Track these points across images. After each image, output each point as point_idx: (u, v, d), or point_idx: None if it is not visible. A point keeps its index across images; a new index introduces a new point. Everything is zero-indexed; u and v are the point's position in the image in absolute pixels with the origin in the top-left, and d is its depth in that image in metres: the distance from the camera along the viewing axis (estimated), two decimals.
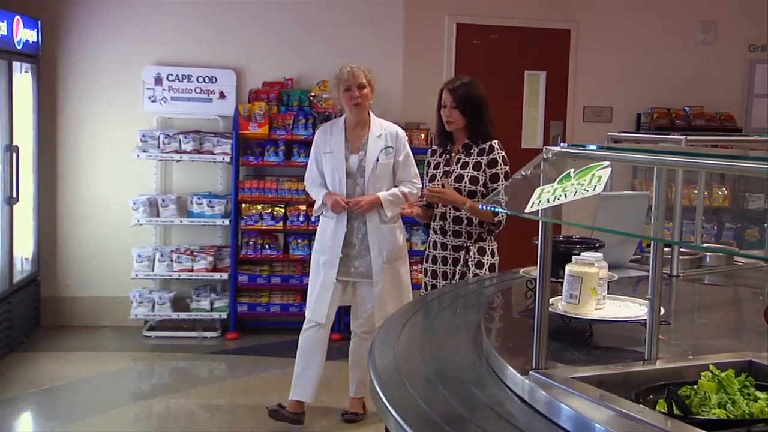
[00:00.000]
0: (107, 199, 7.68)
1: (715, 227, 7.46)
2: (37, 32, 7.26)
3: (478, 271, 4.84)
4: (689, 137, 4.77)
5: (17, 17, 6.78)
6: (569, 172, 2.46)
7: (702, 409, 2.35)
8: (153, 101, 7.62)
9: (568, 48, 8.40)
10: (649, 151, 2.88)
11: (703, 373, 2.51)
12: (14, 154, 6.88)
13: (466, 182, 4.83)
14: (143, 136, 7.51)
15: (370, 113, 5.59)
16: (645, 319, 2.86)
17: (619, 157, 2.69)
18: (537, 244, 2.61)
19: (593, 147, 2.69)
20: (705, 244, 5.97)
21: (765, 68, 8.51)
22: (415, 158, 7.70)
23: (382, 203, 5.44)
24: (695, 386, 2.46)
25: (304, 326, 5.65)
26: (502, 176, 4.85)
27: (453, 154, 4.99)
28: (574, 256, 3.14)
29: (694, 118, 8.23)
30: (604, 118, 8.40)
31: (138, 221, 7.47)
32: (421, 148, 7.59)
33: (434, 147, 5.22)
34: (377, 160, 5.47)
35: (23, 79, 7.18)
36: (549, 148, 2.69)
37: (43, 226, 7.67)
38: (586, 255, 3.13)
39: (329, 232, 5.54)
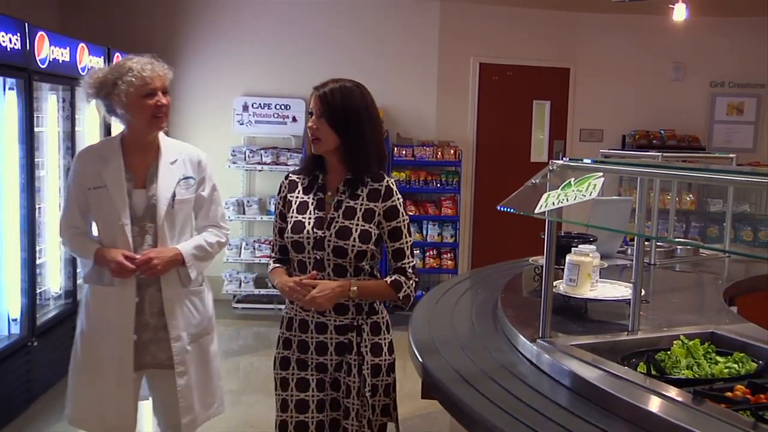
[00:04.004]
0: None
1: (684, 226, 7.35)
2: None
3: (376, 360, 2.62)
4: (664, 154, 4.73)
5: None
6: (570, 181, 2.45)
7: (674, 370, 2.34)
8: (241, 124, 7.67)
9: (567, 82, 8.33)
10: (633, 165, 2.87)
11: (675, 342, 2.50)
12: None
13: (354, 239, 2.56)
14: (233, 151, 7.58)
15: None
16: (629, 299, 2.85)
17: (610, 169, 2.68)
18: (543, 238, 2.60)
19: (589, 161, 2.68)
20: (676, 239, 5.90)
21: (723, 100, 8.46)
22: (445, 170, 7.63)
23: (183, 260, 2.99)
24: (669, 352, 2.45)
25: None
26: (405, 230, 2.64)
27: (328, 193, 2.66)
28: (573, 248, 3.13)
29: (667, 138, 8.15)
30: (596, 138, 8.33)
31: (228, 218, 7.52)
32: (450, 161, 7.62)
33: (293, 176, 2.76)
34: (174, 197, 2.99)
35: None
36: (554, 161, 2.68)
37: None
38: (582, 247, 3.12)
39: (111, 308, 2.97)
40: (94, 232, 3.10)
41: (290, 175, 2.78)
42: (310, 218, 2.62)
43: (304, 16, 7.81)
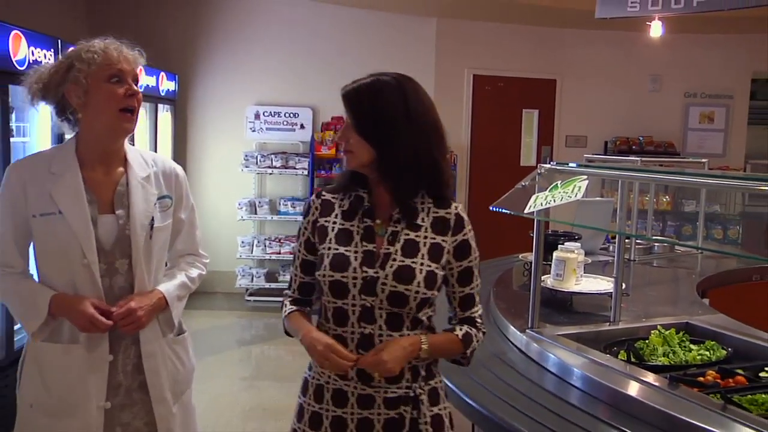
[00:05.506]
0: (220, 201, 7.74)
1: (661, 225, 7.36)
2: (175, 83, 7.33)
3: None
4: (643, 159, 4.74)
5: (162, 73, 6.84)
6: (557, 183, 2.46)
7: (651, 357, 2.35)
8: (253, 131, 7.67)
9: (554, 93, 8.33)
10: (614, 168, 2.88)
11: (652, 331, 2.52)
12: None
13: (419, 283, 1.76)
14: (246, 156, 7.57)
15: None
16: (611, 292, 2.86)
17: (593, 172, 2.69)
18: (532, 236, 2.62)
19: (574, 165, 2.69)
20: (654, 237, 5.91)
21: (696, 110, 8.49)
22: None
23: (168, 303, 2.17)
24: (647, 341, 2.47)
25: None
26: (476, 271, 1.89)
27: (377, 220, 1.84)
28: (559, 245, 3.14)
29: (646, 144, 8.16)
30: (580, 144, 8.34)
31: (241, 217, 7.54)
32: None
33: (327, 195, 1.91)
34: (152, 223, 2.11)
35: (164, 117, 7.25)
36: (542, 165, 2.69)
37: None
38: (568, 244, 3.13)
39: (74, 372, 2.03)
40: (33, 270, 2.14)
41: (324, 193, 1.91)
42: (356, 252, 1.80)
43: (312, 30, 7.79)
